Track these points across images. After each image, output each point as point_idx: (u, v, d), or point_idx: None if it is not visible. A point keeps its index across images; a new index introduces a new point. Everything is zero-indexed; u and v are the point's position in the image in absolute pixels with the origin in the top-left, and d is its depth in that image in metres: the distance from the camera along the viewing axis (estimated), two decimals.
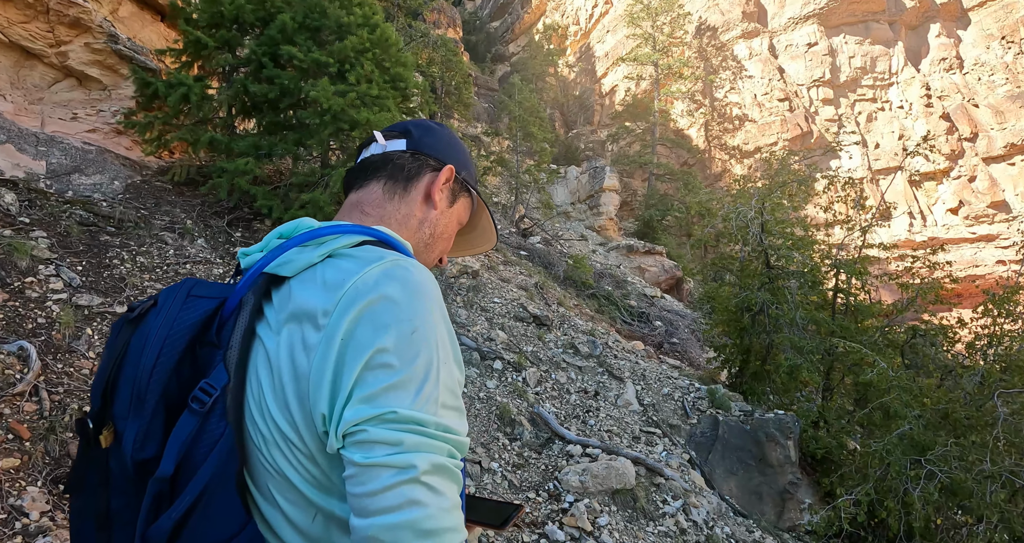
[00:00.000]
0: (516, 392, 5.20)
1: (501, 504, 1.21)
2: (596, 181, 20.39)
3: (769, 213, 7.57)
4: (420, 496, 0.72)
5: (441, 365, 0.81)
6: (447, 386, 0.81)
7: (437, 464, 0.75)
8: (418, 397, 0.77)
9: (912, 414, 5.94)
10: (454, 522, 0.74)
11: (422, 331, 0.80)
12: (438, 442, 0.76)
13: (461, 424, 0.82)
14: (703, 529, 4.34)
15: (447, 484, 0.75)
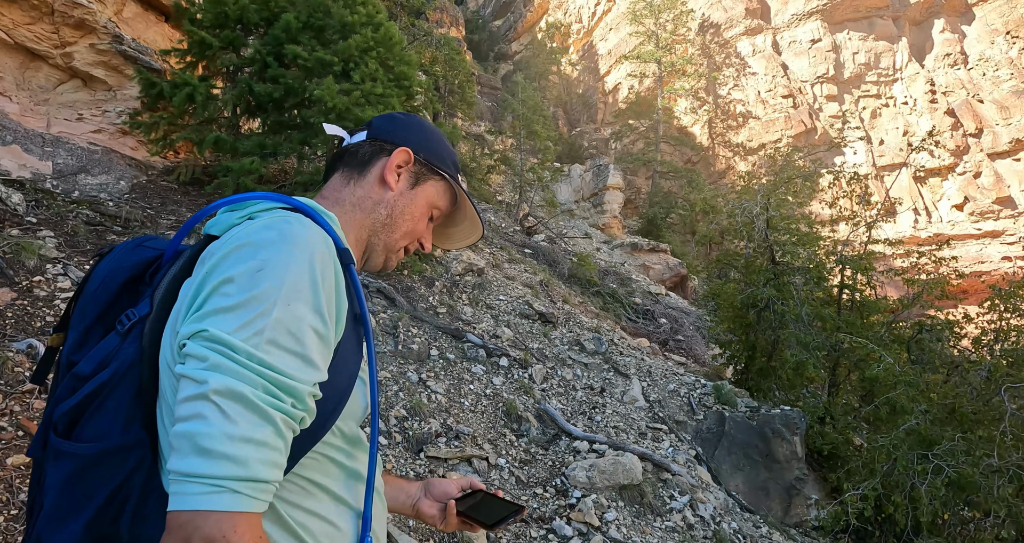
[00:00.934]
0: (522, 389, 5.20)
1: (505, 503, 1.22)
2: (600, 179, 20.37)
3: (774, 209, 7.56)
4: (207, 412, 0.73)
5: (282, 303, 0.81)
6: (285, 326, 0.80)
7: (233, 389, 0.74)
8: (240, 324, 0.78)
9: (919, 409, 5.92)
10: (237, 452, 0.73)
11: (270, 269, 0.82)
12: (245, 371, 0.76)
13: (295, 368, 0.81)
14: (710, 524, 4.35)
15: (245, 415, 0.74)
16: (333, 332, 0.89)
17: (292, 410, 0.80)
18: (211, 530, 0.72)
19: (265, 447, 0.75)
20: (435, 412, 4.41)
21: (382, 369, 4.64)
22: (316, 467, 0.93)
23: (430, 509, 1.28)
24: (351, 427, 0.99)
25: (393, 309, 5.55)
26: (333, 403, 0.92)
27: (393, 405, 4.26)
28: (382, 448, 3.80)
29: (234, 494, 0.73)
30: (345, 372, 0.93)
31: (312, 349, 0.83)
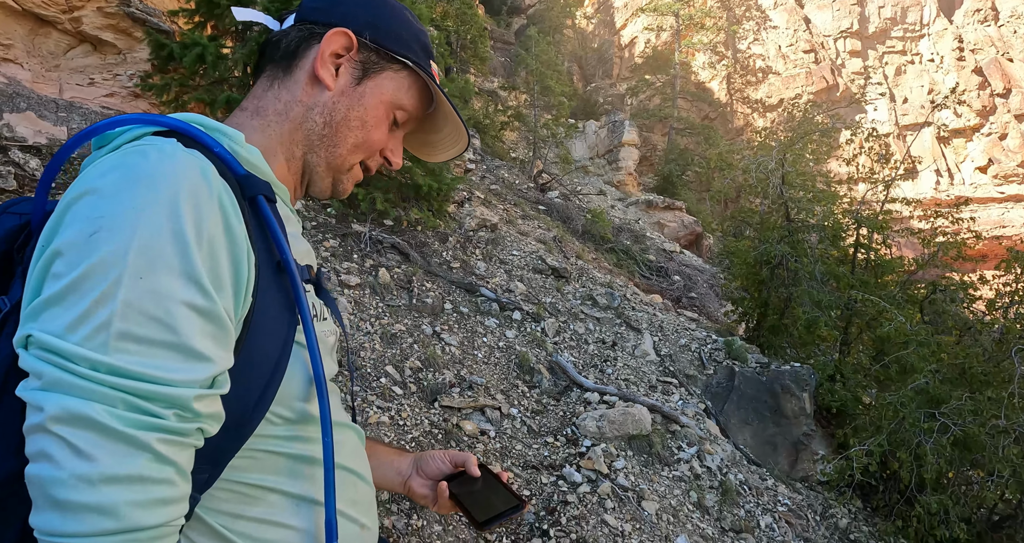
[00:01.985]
0: (535, 342, 5.27)
1: (506, 493, 1.04)
2: (615, 136, 20.13)
3: (790, 165, 7.47)
4: (51, 450, 0.56)
5: (130, 278, 0.60)
6: (140, 309, 0.60)
7: (77, 414, 0.56)
8: (73, 319, 0.58)
9: (929, 368, 5.95)
10: (100, 500, 0.55)
11: (108, 230, 0.61)
12: (91, 386, 0.57)
13: (166, 368, 0.60)
14: (717, 475, 4.44)
15: (102, 445, 0.56)
16: (231, 301, 0.67)
17: (176, 425, 0.61)
18: None
19: (140, 484, 0.58)
20: (449, 363, 4.48)
21: (396, 322, 4.69)
22: (254, 467, 0.75)
23: (421, 488, 1.10)
24: (295, 408, 0.78)
25: (407, 264, 5.58)
26: (259, 390, 0.72)
27: (408, 356, 4.33)
28: (396, 398, 3.88)
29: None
30: (268, 345, 0.73)
31: (191, 333, 0.62)
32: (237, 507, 0.74)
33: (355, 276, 4.90)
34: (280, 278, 0.76)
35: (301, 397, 0.78)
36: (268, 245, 0.75)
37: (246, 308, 0.70)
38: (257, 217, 0.74)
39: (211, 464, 0.69)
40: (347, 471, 0.88)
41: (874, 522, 5.26)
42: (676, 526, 3.68)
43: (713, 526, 3.94)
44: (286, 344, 0.74)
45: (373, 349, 4.25)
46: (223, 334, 0.66)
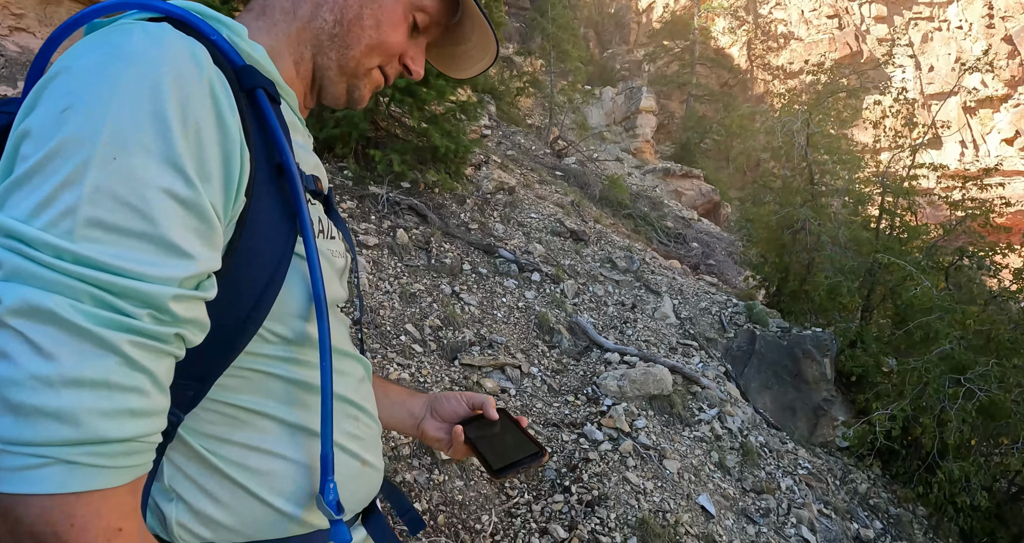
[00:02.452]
0: (554, 303, 5.22)
1: (524, 440, 0.97)
2: (632, 102, 19.80)
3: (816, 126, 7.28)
4: (8, 347, 0.49)
5: (101, 158, 0.53)
6: (112, 193, 0.53)
7: (37, 306, 0.49)
8: (38, 201, 0.52)
9: (955, 334, 5.84)
10: (60, 404, 0.49)
11: (80, 108, 0.54)
12: (54, 275, 0.50)
13: (139, 260, 0.53)
14: (737, 437, 4.41)
15: (66, 343, 0.50)
16: (219, 195, 0.60)
17: (150, 327, 0.54)
18: (36, 524, 0.49)
19: (107, 389, 0.51)
20: (468, 323, 4.45)
21: (415, 282, 4.65)
22: (246, 388, 0.69)
23: (436, 432, 1.03)
24: (293, 327, 0.71)
25: (425, 225, 5.53)
26: (251, 301, 0.66)
27: (427, 315, 4.30)
28: (416, 355, 3.85)
29: (67, 466, 0.50)
30: (264, 253, 0.66)
31: (170, 224, 0.55)
32: (224, 430, 0.69)
33: (373, 237, 4.85)
34: (280, 183, 0.69)
35: (299, 315, 0.71)
36: (267, 145, 0.68)
37: (238, 208, 0.63)
38: (256, 113, 0.67)
39: (197, 380, 0.64)
40: (349, 403, 0.82)
41: (893, 488, 5.22)
42: (697, 485, 3.66)
43: (734, 486, 3.91)
44: (284, 253, 0.68)
45: (392, 308, 4.22)
46: (208, 230, 0.59)
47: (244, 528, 0.71)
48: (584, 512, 3.07)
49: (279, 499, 0.72)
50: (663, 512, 3.26)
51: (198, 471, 0.68)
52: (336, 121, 5.68)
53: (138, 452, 0.55)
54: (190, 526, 0.68)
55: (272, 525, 0.72)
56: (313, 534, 0.76)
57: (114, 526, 0.53)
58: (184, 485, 0.68)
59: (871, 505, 4.73)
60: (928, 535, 4.74)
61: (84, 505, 0.51)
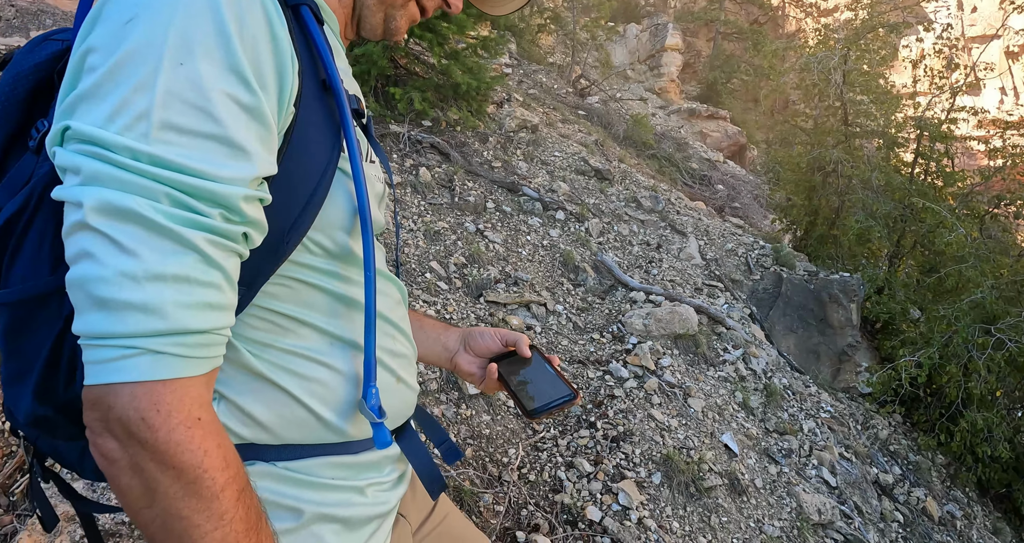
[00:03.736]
0: (579, 241, 5.15)
1: (557, 381, 0.96)
2: (657, 40, 19.14)
3: (853, 63, 6.95)
4: (93, 247, 0.51)
5: (169, 64, 0.54)
6: (182, 97, 0.54)
7: (120, 207, 0.51)
8: (112, 108, 0.53)
9: (986, 283, 5.71)
10: (145, 297, 0.51)
11: (144, 18, 0.55)
12: (134, 178, 0.52)
13: (212, 161, 0.55)
14: (761, 378, 4.39)
15: (148, 241, 0.52)
16: (274, 102, 0.61)
17: (222, 226, 0.56)
18: (126, 410, 0.52)
19: (187, 284, 0.54)
20: (493, 260, 4.40)
21: (439, 219, 4.59)
22: (290, 297, 0.71)
23: (469, 366, 1.05)
24: (336, 240, 0.72)
25: (447, 164, 5.43)
26: (297, 209, 0.66)
27: (452, 253, 4.26)
28: (442, 293, 3.83)
29: (154, 356, 0.53)
30: (310, 163, 0.67)
31: (235, 127, 0.56)
32: (269, 336, 0.71)
33: (396, 176, 4.78)
34: (325, 98, 0.69)
35: (343, 227, 0.72)
36: (313, 61, 0.68)
37: (288, 119, 0.64)
38: (301, 30, 0.68)
39: (245, 285, 0.65)
40: (387, 321, 0.83)
41: (914, 436, 5.22)
42: (721, 424, 3.66)
43: (757, 426, 3.91)
44: (329, 164, 0.68)
45: (417, 245, 4.18)
46: (267, 134, 0.60)
47: (282, 429, 0.72)
48: (609, 447, 3.08)
49: (319, 404, 0.73)
50: (687, 449, 3.27)
51: (242, 373, 0.70)
52: (355, 59, 5.51)
53: (215, 344, 0.58)
54: (231, 425, 0.69)
55: (309, 429, 0.74)
56: (345, 444, 0.78)
57: (194, 415, 0.55)
58: (228, 385, 0.69)
59: (891, 451, 4.73)
60: (945, 483, 4.77)
61: (170, 392, 0.54)
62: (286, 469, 0.73)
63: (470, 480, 2.68)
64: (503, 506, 2.60)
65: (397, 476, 0.88)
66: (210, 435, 0.56)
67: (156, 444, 0.53)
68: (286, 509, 0.72)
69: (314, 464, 0.75)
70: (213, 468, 0.56)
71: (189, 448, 0.54)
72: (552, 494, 2.78)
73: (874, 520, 3.78)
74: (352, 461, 0.78)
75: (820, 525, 3.42)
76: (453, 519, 1.12)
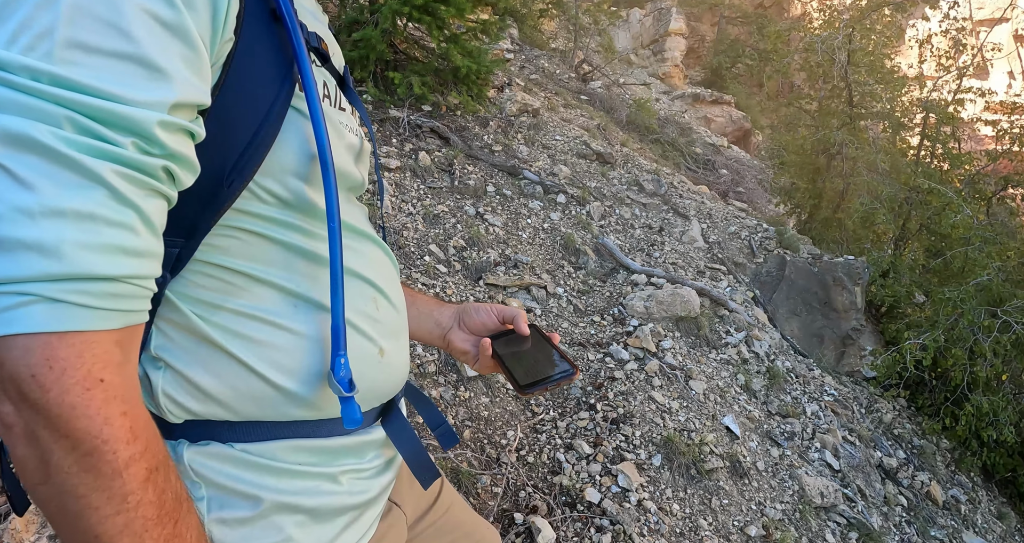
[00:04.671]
0: (580, 224, 5.10)
1: (554, 358, 0.90)
2: (661, 24, 18.97)
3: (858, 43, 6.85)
4: None
5: None
6: (92, 13, 0.47)
7: (14, 133, 0.45)
8: (15, 26, 0.46)
9: (993, 265, 5.65)
10: (42, 235, 0.45)
11: None
12: (31, 99, 0.45)
13: (123, 82, 0.48)
14: (764, 361, 4.35)
15: (47, 170, 0.45)
16: (206, 26, 0.54)
17: (136, 156, 0.49)
18: (16, 366, 0.45)
19: (92, 222, 0.47)
20: (493, 243, 4.36)
21: (439, 203, 4.53)
22: (240, 250, 0.63)
23: (463, 343, 0.97)
24: (289, 186, 0.64)
25: (447, 148, 5.38)
26: (238, 148, 0.59)
27: (451, 236, 4.22)
28: (441, 276, 3.78)
29: (50, 304, 0.46)
30: (254, 98, 0.60)
31: (152, 45, 0.49)
32: (217, 297, 0.63)
33: (395, 159, 4.73)
34: (276, 28, 0.62)
35: (297, 173, 0.64)
36: None
37: (226, 47, 0.57)
38: None
39: (182, 236, 0.59)
40: (364, 281, 0.74)
41: (918, 420, 5.18)
42: (723, 406, 3.62)
43: (760, 409, 3.88)
44: (277, 101, 0.61)
45: (416, 229, 4.14)
46: (194, 56, 0.53)
47: (238, 404, 0.64)
48: (609, 429, 3.05)
49: (279, 374, 0.65)
50: (688, 431, 3.24)
51: (188, 338, 0.62)
52: (353, 44, 5.45)
53: (128, 296, 0.50)
54: (177, 397, 0.63)
55: (268, 403, 0.66)
56: (325, 422, 0.70)
57: (96, 375, 0.48)
58: (173, 353, 0.62)
59: (895, 435, 4.70)
60: (950, 468, 4.74)
61: (67, 346, 0.46)
62: (244, 452, 0.65)
63: (468, 462, 2.65)
64: (501, 488, 2.58)
65: (382, 463, 0.80)
66: (113, 400, 0.49)
67: (48, 406, 0.46)
68: (242, 496, 0.65)
69: (278, 447, 0.67)
70: (115, 439, 0.48)
71: (86, 413, 0.47)
72: (551, 476, 2.75)
73: (877, 504, 3.74)
74: (324, 445, 0.70)
75: (822, 508, 3.39)
76: (457, 510, 1.06)
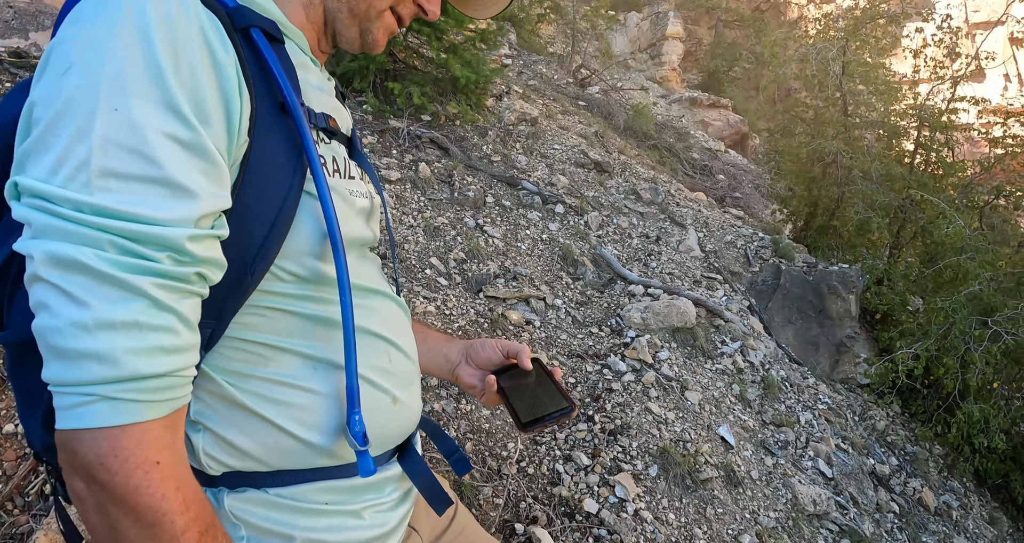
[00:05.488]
0: (578, 235, 5.18)
1: (555, 393, 0.95)
2: (658, 28, 19.03)
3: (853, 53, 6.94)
4: (47, 298, 0.54)
5: (104, 110, 0.54)
6: (118, 143, 0.54)
7: (64, 257, 0.53)
8: (54, 160, 0.54)
9: (984, 275, 5.73)
10: (98, 346, 0.53)
11: (79, 65, 0.56)
12: (76, 227, 0.53)
13: (151, 204, 0.55)
14: (759, 370, 4.43)
15: (95, 290, 0.53)
16: (222, 137, 0.61)
17: (171, 268, 0.57)
18: (87, 455, 0.55)
19: (138, 330, 0.55)
20: (492, 255, 4.43)
21: (439, 215, 4.61)
22: (265, 325, 0.71)
23: (470, 378, 1.05)
24: (306, 265, 0.71)
25: (447, 158, 5.45)
26: (259, 239, 0.66)
27: (452, 248, 4.29)
28: (442, 289, 3.86)
29: (110, 403, 0.54)
30: (270, 191, 0.66)
31: (176, 166, 0.56)
32: (247, 367, 0.71)
33: (395, 171, 4.80)
34: (284, 120, 0.68)
35: (312, 253, 0.71)
36: (269, 84, 0.67)
37: (242, 149, 0.64)
38: (254, 53, 0.67)
39: (214, 318, 0.66)
40: (378, 338, 0.82)
41: (911, 427, 5.26)
42: (718, 416, 3.70)
43: (754, 418, 3.96)
44: (291, 191, 0.67)
45: (417, 241, 4.21)
46: (214, 169, 0.60)
47: (269, 458, 0.73)
48: (607, 440, 3.13)
49: (304, 430, 0.74)
50: (683, 442, 3.32)
51: (222, 404, 0.71)
52: (353, 55, 5.53)
53: (173, 387, 0.59)
54: (215, 455, 0.71)
55: (298, 455, 0.74)
56: (345, 467, 0.78)
57: (153, 459, 0.57)
58: (210, 417, 0.71)
59: (888, 442, 4.78)
60: (943, 474, 4.81)
61: (127, 437, 0.56)
62: (277, 496, 0.73)
63: (470, 474, 2.73)
64: (502, 499, 2.65)
65: (400, 495, 0.88)
66: (169, 478, 0.58)
67: (115, 488, 0.55)
68: (277, 536, 0.73)
69: (307, 490, 0.75)
70: (172, 512, 0.57)
71: (147, 492, 0.56)
72: (550, 487, 2.83)
73: (869, 511, 3.83)
74: (348, 485, 0.78)
75: (815, 516, 3.47)
76: (471, 532, 1.13)
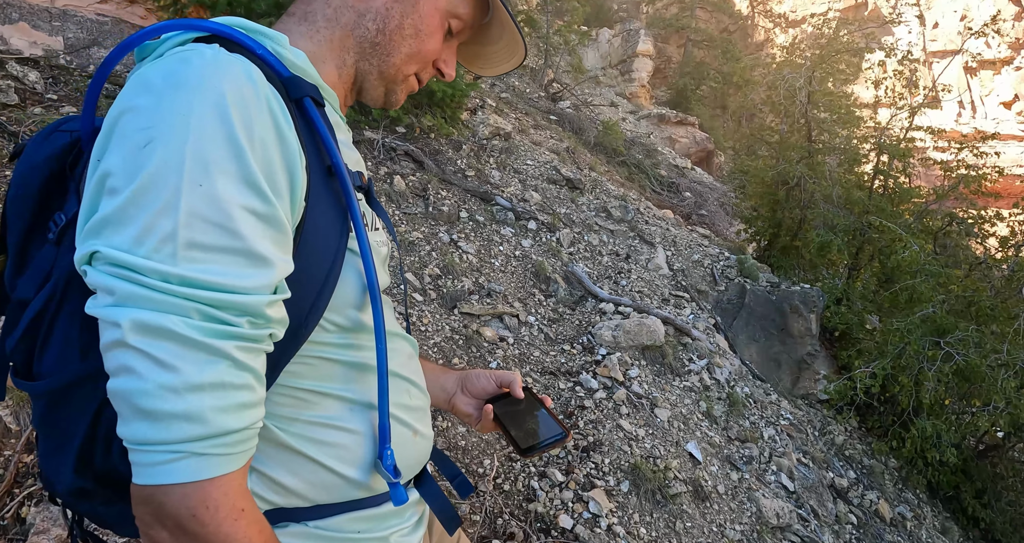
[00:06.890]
0: (550, 251, 5.27)
1: (549, 420, 1.02)
2: (629, 45, 19.39)
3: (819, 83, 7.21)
4: (133, 363, 0.57)
5: (189, 186, 0.58)
6: (203, 217, 0.59)
7: (154, 326, 0.56)
8: (138, 232, 0.58)
9: (938, 298, 5.98)
10: (188, 407, 0.57)
11: (160, 140, 0.59)
12: (164, 297, 0.57)
13: (235, 275, 0.60)
14: (724, 387, 4.56)
15: (184, 355, 0.57)
16: (287, 204, 0.66)
17: (250, 332, 0.62)
18: (177, 508, 0.58)
19: (223, 389, 0.59)
20: (467, 271, 4.48)
21: (414, 230, 4.65)
22: (310, 373, 0.77)
23: (466, 407, 1.11)
24: (348, 316, 0.78)
25: (422, 172, 5.49)
26: (312, 298, 0.72)
27: (427, 264, 4.33)
28: (417, 304, 3.90)
29: (199, 458, 0.59)
30: (321, 251, 0.72)
31: (255, 238, 0.61)
32: (293, 411, 0.76)
33: None
34: (331, 183, 0.74)
35: (355, 305, 0.78)
36: (317, 149, 0.73)
37: (299, 214, 0.69)
38: (305, 120, 0.72)
39: (269, 369, 0.69)
40: (400, 378, 0.89)
41: (868, 441, 5.46)
42: (686, 433, 3.81)
43: (720, 434, 4.07)
44: (339, 251, 0.73)
45: (392, 256, 4.23)
46: (283, 238, 0.65)
47: (312, 493, 0.79)
48: (580, 457, 3.20)
49: (344, 466, 0.80)
50: (653, 458, 3.41)
51: (271, 447, 0.76)
52: None
53: (250, 438, 0.64)
54: (263, 494, 0.76)
55: (336, 490, 0.80)
56: (373, 497, 0.85)
57: (238, 506, 0.62)
58: (258, 459, 0.75)
59: (846, 456, 4.95)
60: (898, 486, 5.00)
61: (216, 489, 0.60)
62: (316, 527, 0.79)
63: (448, 491, 2.77)
64: (479, 516, 2.70)
65: (417, 519, 0.96)
66: (253, 523, 0.63)
67: (207, 537, 0.60)
68: None
69: (343, 520, 0.81)
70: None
71: (236, 538, 0.61)
72: (526, 503, 2.89)
73: (829, 523, 3.96)
74: (377, 513, 0.85)
75: (778, 528, 3.59)
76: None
